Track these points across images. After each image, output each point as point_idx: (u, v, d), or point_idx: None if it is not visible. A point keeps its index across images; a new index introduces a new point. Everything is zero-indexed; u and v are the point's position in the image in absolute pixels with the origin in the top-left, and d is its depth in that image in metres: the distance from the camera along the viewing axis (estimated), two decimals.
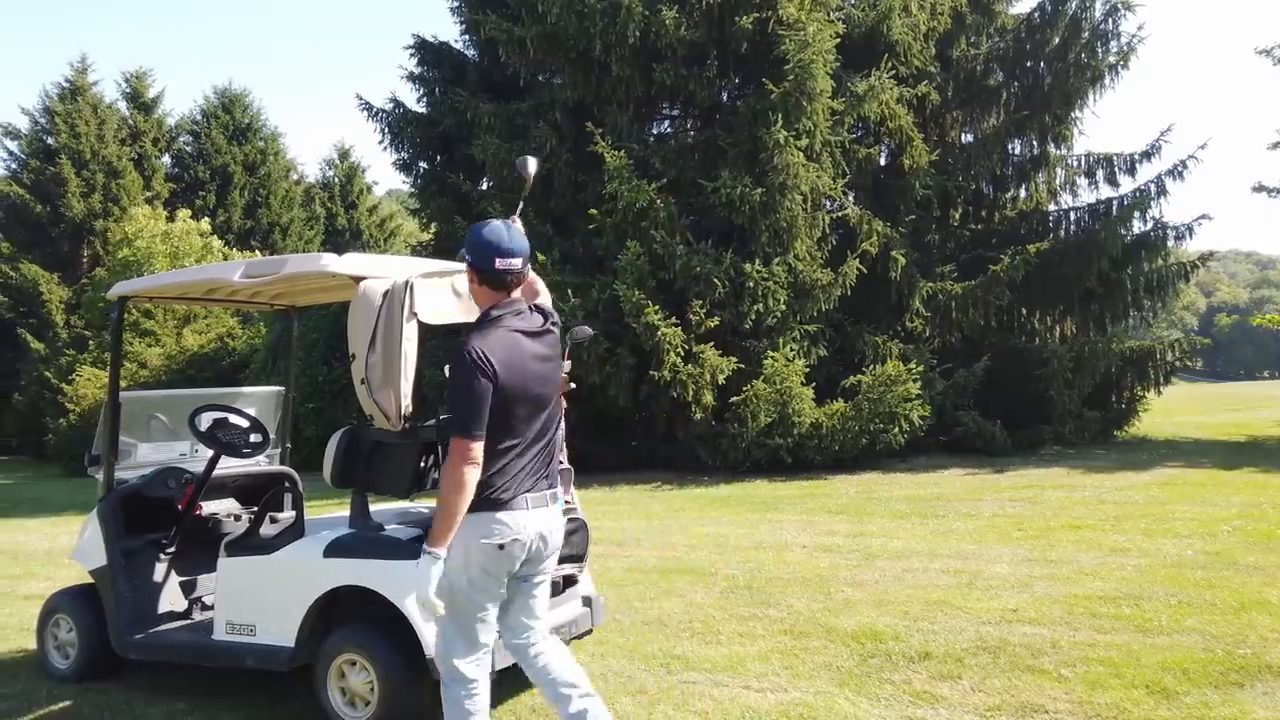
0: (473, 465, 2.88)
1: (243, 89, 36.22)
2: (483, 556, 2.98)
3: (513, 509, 3.00)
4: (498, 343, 3.00)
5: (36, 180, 30.16)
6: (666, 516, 9.57)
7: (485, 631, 3.09)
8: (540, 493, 3.09)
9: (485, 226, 3.12)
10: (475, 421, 2.90)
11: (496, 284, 3.09)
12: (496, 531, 2.97)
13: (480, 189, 16.25)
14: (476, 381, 2.91)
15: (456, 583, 3.00)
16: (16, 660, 5.02)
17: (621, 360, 12.98)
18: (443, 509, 2.89)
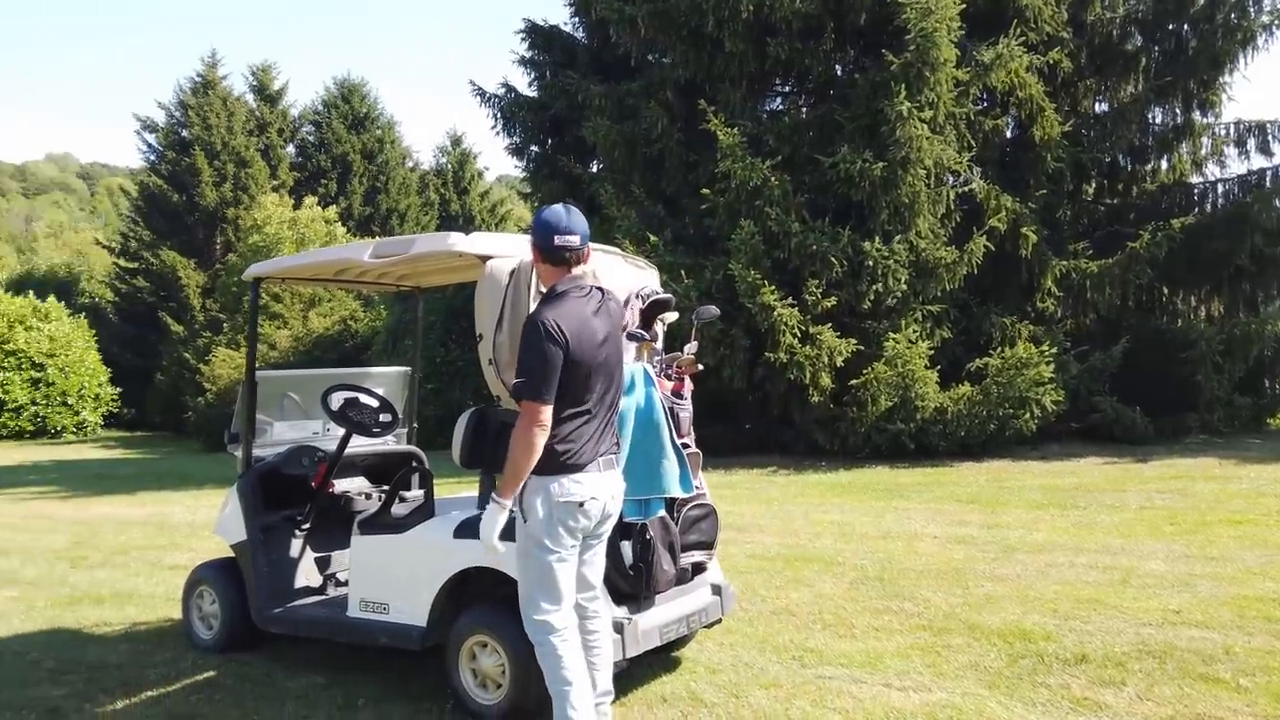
0: (542, 428, 3.07)
1: (361, 79, 37.38)
2: (564, 514, 3.17)
3: (589, 471, 3.21)
4: (566, 314, 3.17)
5: (173, 171, 31.77)
6: (786, 502, 9.35)
7: (566, 585, 3.25)
8: (608, 457, 3.31)
9: (551, 209, 3.32)
10: (546, 386, 3.09)
11: (557, 260, 3.28)
12: (575, 491, 3.17)
13: (590, 171, 16.24)
14: (547, 348, 3.09)
15: (538, 541, 3.18)
16: (163, 630, 5.20)
17: (736, 341, 12.76)
18: (510, 467, 3.11)
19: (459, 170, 39.77)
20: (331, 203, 31.95)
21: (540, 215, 3.33)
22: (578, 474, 3.19)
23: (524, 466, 3.10)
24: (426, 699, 3.95)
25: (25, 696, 4.16)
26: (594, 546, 3.42)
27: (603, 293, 3.39)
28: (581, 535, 3.27)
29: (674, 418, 4.14)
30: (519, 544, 3.26)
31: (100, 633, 5.26)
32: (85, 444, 24.91)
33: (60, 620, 5.53)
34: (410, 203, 36.39)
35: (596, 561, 3.47)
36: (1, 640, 5.11)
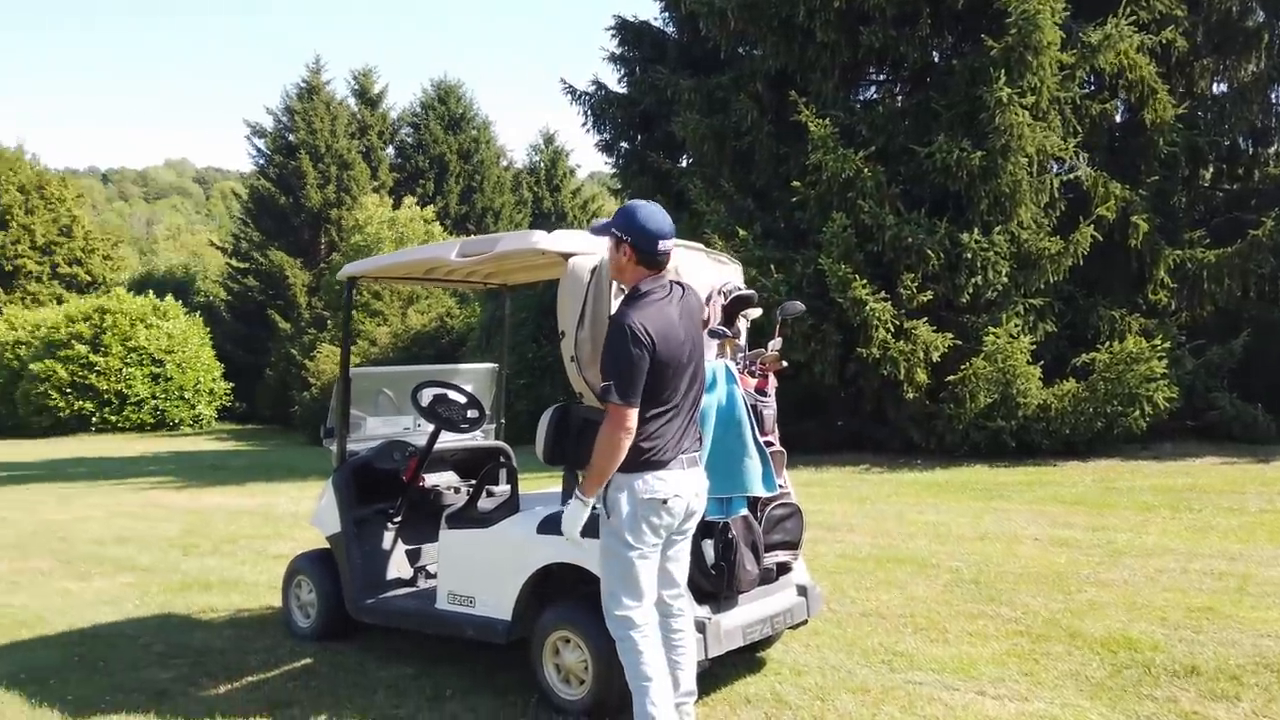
0: (627, 431, 3.10)
1: (457, 80, 38.13)
2: (647, 511, 3.19)
3: (672, 468, 3.23)
4: (652, 315, 3.18)
5: (280, 174, 33.07)
6: (878, 501, 9.15)
7: (647, 581, 3.26)
8: (691, 454, 3.33)
9: (647, 210, 3.28)
10: (632, 389, 3.11)
11: (654, 264, 3.29)
12: (659, 489, 3.19)
13: (680, 166, 16.20)
14: (634, 352, 3.10)
15: (621, 537, 3.20)
16: (265, 617, 5.40)
17: (827, 337, 12.55)
18: (594, 467, 3.15)
19: (551, 168, 40.28)
20: (429, 202, 32.76)
21: (638, 218, 3.26)
22: (661, 471, 3.21)
23: (608, 467, 3.13)
24: (512, 692, 4.00)
25: (136, 679, 4.38)
26: (678, 544, 3.42)
27: (683, 288, 3.40)
28: (665, 533, 3.28)
29: (757, 415, 4.08)
30: (602, 540, 3.29)
31: (207, 618, 5.50)
32: (201, 436, 26.14)
33: (171, 606, 5.80)
34: (504, 201, 37.04)
35: (682, 559, 3.47)
36: (116, 624, 5.39)
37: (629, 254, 3.27)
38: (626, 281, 3.35)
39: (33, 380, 27.51)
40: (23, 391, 27.87)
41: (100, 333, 28.00)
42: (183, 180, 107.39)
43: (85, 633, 5.22)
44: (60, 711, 3.95)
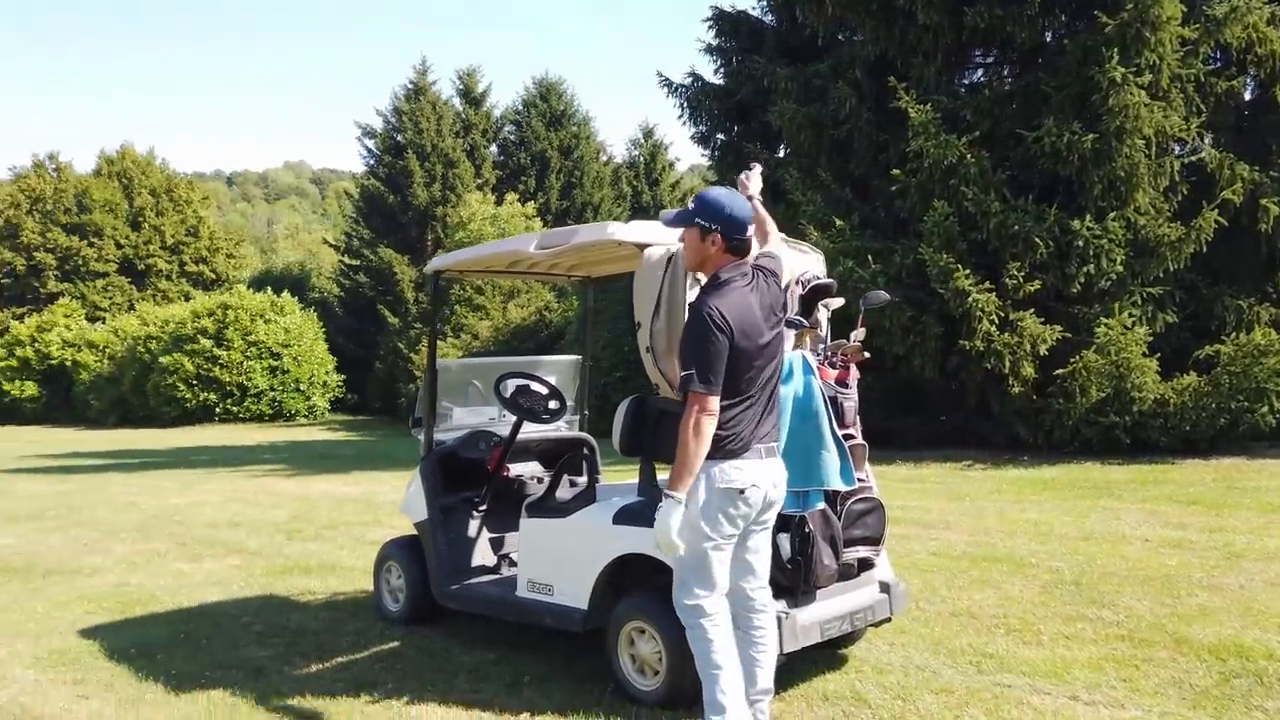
0: (711, 417, 3.08)
1: (558, 78, 38.53)
2: (725, 501, 3.16)
3: (749, 457, 3.20)
4: (731, 302, 3.16)
5: (389, 173, 34.09)
6: (979, 498, 8.85)
7: (720, 572, 3.23)
8: (770, 444, 3.29)
9: (730, 196, 3.29)
10: (714, 376, 3.09)
11: (739, 250, 3.28)
12: (736, 478, 3.16)
13: (776, 156, 15.99)
14: (715, 339, 3.09)
15: (698, 527, 3.16)
16: (358, 600, 5.58)
17: (928, 329, 12.21)
18: (681, 458, 3.09)
19: (650, 162, 40.36)
20: (530, 199, 33.26)
21: (725, 205, 3.25)
22: (738, 460, 3.17)
23: (696, 457, 3.08)
24: (589, 680, 4.02)
25: (235, 656, 4.58)
26: (757, 534, 3.36)
27: (763, 273, 3.35)
28: (742, 523, 3.23)
29: (837, 408, 4.00)
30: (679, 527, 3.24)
31: (304, 600, 5.72)
32: (314, 426, 27.22)
33: (272, 588, 6.05)
34: (603, 195, 37.29)
35: (763, 550, 3.41)
36: (221, 604, 5.65)
37: (718, 242, 3.24)
38: (708, 270, 3.32)
39: (162, 373, 29.14)
40: (153, 383, 29.55)
41: (223, 328, 29.44)
42: (300, 181, 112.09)
43: (192, 611, 5.50)
44: (164, 685, 4.16)
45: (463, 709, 3.80)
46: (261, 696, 3.98)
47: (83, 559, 7.09)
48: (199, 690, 4.07)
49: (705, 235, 3.25)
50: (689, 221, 3.29)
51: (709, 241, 3.25)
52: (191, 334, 29.34)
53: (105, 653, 4.67)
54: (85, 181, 40.57)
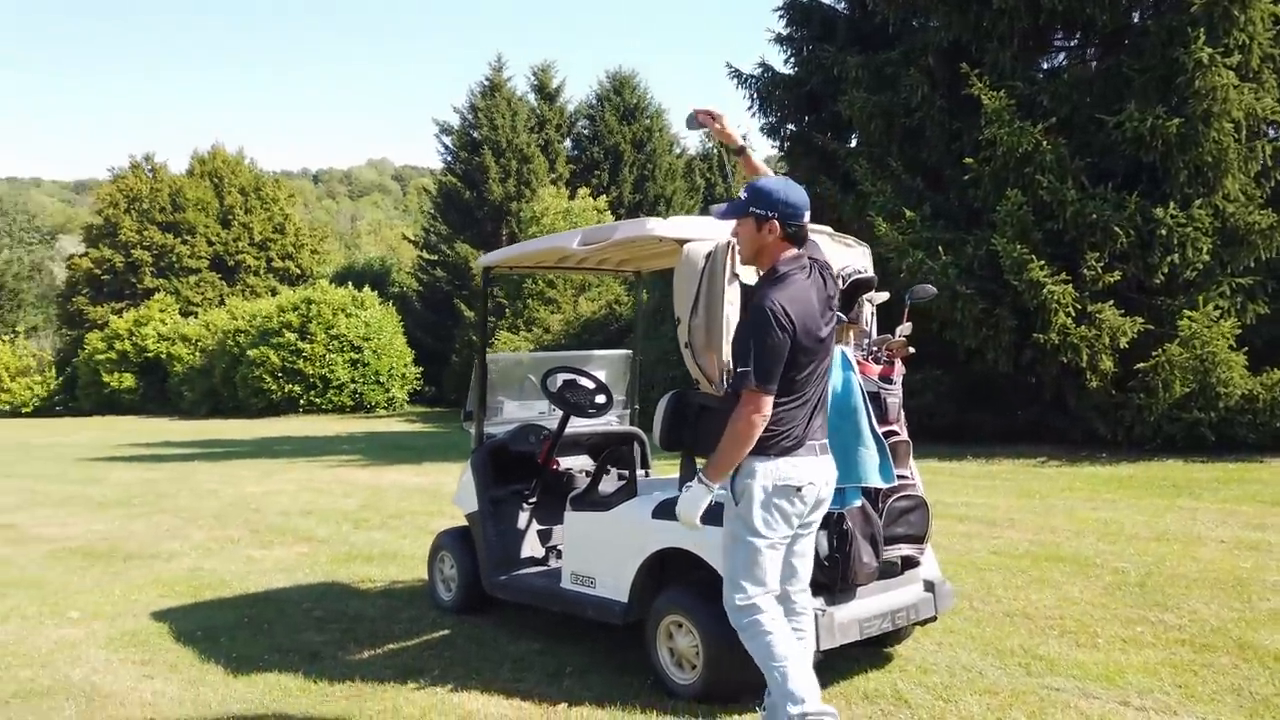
0: (762, 417, 3.00)
1: (631, 71, 38.54)
2: (780, 498, 3.09)
3: (804, 454, 3.13)
4: (793, 297, 3.07)
5: (465, 169, 34.64)
6: (1050, 496, 8.61)
7: (772, 572, 3.16)
8: (822, 440, 3.24)
9: (785, 183, 3.19)
10: (771, 374, 3.00)
11: (797, 238, 3.18)
12: (791, 475, 3.09)
13: (847, 146, 15.75)
14: (775, 336, 3.00)
15: (750, 525, 3.10)
16: (414, 589, 5.72)
17: (1001, 322, 11.90)
18: (724, 452, 3.04)
19: (724, 153, 40.17)
20: (604, 192, 33.43)
21: (781, 192, 3.15)
22: (793, 457, 3.11)
23: (736, 454, 3.04)
24: (629, 673, 4.06)
25: (293, 641, 4.75)
26: (804, 537, 3.31)
27: (818, 264, 3.27)
28: (796, 521, 3.17)
29: (880, 404, 3.94)
30: (727, 527, 3.21)
31: (364, 588, 5.89)
32: (393, 418, 27.87)
33: (335, 575, 6.25)
34: (676, 188, 37.26)
35: (807, 553, 3.36)
36: (285, 590, 5.86)
37: (775, 230, 3.14)
38: (764, 262, 3.24)
39: (250, 365, 30.19)
40: (241, 375, 30.64)
41: (307, 322, 30.35)
42: (383, 178, 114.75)
43: (257, 597, 5.71)
44: (224, 667, 4.34)
45: (503, 698, 3.87)
46: (314, 680, 4.12)
47: (161, 544, 7.43)
48: (256, 673, 4.24)
49: (761, 224, 3.15)
50: (743, 211, 3.20)
51: (765, 230, 3.15)
52: (277, 328, 30.32)
53: (173, 635, 4.89)
54: (179, 181, 42.21)
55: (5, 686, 4.17)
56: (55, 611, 5.41)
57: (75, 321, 41.12)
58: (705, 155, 40.55)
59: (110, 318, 37.84)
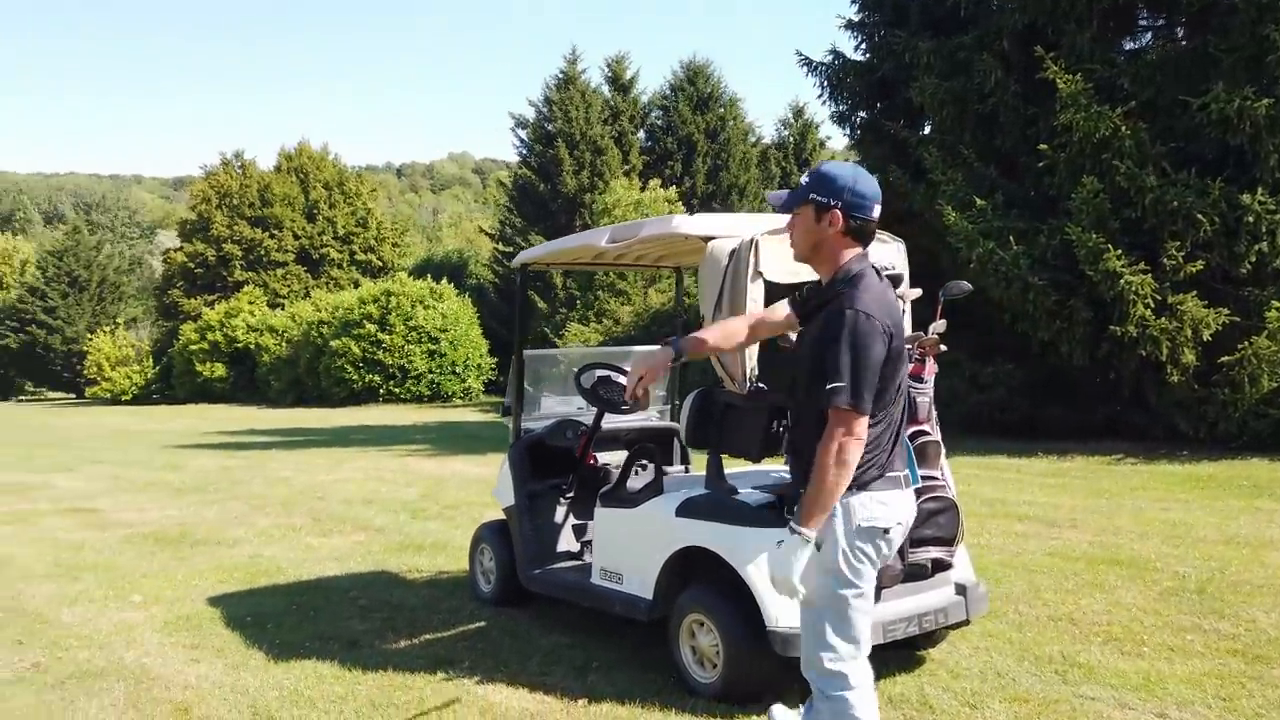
0: (858, 443, 2.54)
1: (705, 60, 38.36)
2: (865, 543, 2.65)
3: (888, 488, 2.69)
4: (879, 299, 2.64)
5: (540, 162, 35.02)
6: (1120, 495, 8.31)
7: (864, 626, 2.72)
8: (904, 471, 2.78)
9: (854, 169, 2.73)
10: (868, 391, 2.55)
11: (862, 234, 2.73)
12: (880, 515, 2.65)
13: (918, 134, 15.41)
14: (875, 347, 2.55)
15: (835, 572, 2.65)
16: (457, 580, 5.82)
17: (1075, 314, 11.51)
18: (821, 489, 2.55)
19: (800, 142, 39.67)
20: (677, 183, 33.38)
21: (847, 177, 2.69)
22: (878, 492, 2.67)
23: (836, 490, 2.56)
24: (653, 670, 4.07)
25: (336, 628, 4.89)
26: None
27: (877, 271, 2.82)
28: (881, 565, 2.75)
29: (911, 403, 3.85)
30: (810, 575, 2.66)
31: (411, 578, 6.03)
32: (468, 408, 28.35)
33: (385, 564, 6.40)
34: (750, 178, 36.97)
35: None
36: (336, 578, 6.03)
37: (837, 222, 2.67)
38: (821, 260, 2.76)
39: (332, 356, 31.10)
40: (324, 365, 31.59)
41: (386, 313, 31.10)
42: (463, 171, 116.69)
43: (309, 584, 5.89)
44: (266, 653, 4.50)
45: (527, 691, 3.92)
46: (348, 668, 4.24)
47: (227, 531, 7.72)
48: (295, 659, 4.38)
49: (821, 214, 2.68)
50: (802, 199, 2.73)
51: (825, 222, 2.68)
52: (358, 319, 31.14)
53: (224, 620, 5.09)
54: (267, 177, 43.64)
55: (64, 667, 4.41)
56: (120, 595, 5.68)
57: (171, 313, 42.93)
58: (781, 144, 40.15)
59: (203, 310, 39.41)
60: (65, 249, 52.01)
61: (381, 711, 3.76)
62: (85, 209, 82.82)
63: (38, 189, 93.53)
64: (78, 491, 10.45)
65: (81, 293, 50.51)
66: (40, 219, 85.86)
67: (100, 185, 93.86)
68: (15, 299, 51.62)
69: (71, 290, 50.31)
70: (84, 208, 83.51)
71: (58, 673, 4.32)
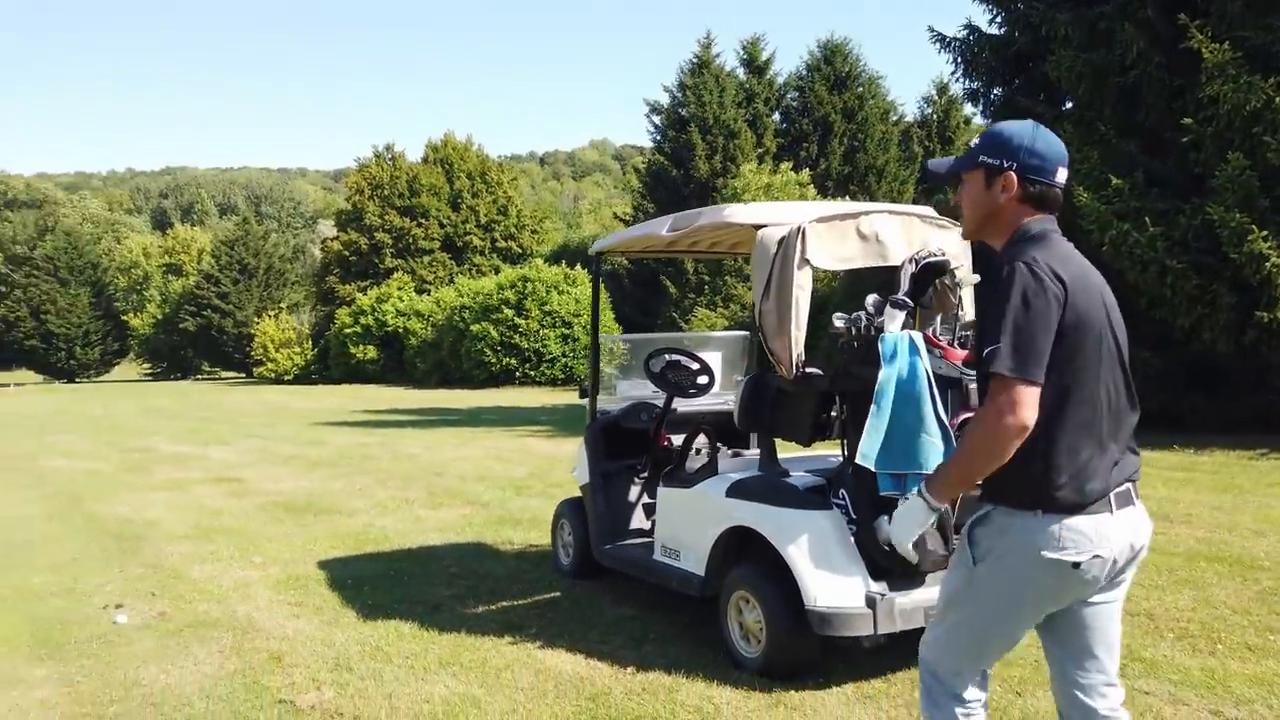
0: (1018, 420, 2.04)
1: (843, 38, 37.57)
2: (1045, 576, 2.15)
3: (1094, 513, 2.12)
4: (1065, 257, 2.18)
5: (673, 147, 35.22)
6: (1250, 492, 7.82)
7: (998, 653, 2.40)
8: (1125, 487, 2.20)
9: (1036, 128, 2.29)
10: (1034, 357, 2.06)
11: (1043, 201, 2.26)
12: (1074, 545, 2.11)
13: (1055, 110, 14.72)
14: (1039, 301, 2.07)
15: (990, 601, 2.24)
16: (544, 553, 6.11)
17: (1219, 299, 10.82)
18: (962, 463, 2.21)
19: (944, 119, 38.33)
20: (812, 165, 32.93)
21: (1015, 135, 2.26)
22: (1076, 516, 2.12)
23: (978, 470, 2.17)
24: (706, 645, 4.21)
25: (423, 593, 5.26)
26: (1109, 605, 2.29)
27: None
28: (1068, 601, 2.23)
29: (961, 390, 3.84)
30: (957, 582, 2.33)
31: (502, 550, 6.37)
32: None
33: (482, 536, 6.79)
34: (889, 158, 36.06)
35: (1110, 628, 2.32)
36: (435, 548, 6.44)
37: (1012, 187, 2.23)
38: (997, 232, 2.31)
39: (473, 339, 32.39)
40: (465, 349, 32.93)
41: (523, 299, 32.11)
42: (603, 158, 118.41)
43: (409, 552, 6.33)
44: (357, 611, 4.91)
45: (583, 657, 4.15)
46: (426, 629, 4.59)
47: (349, 502, 8.32)
48: (382, 619, 4.76)
49: (993, 178, 2.26)
50: (971, 163, 2.31)
51: (998, 187, 2.25)
52: (496, 304, 32.29)
53: (328, 581, 5.55)
54: (415, 168, 45.65)
55: (185, 616, 4.95)
56: (244, 556, 6.27)
57: (328, 298, 45.57)
58: (924, 121, 38.90)
59: (356, 295, 41.68)
60: (236, 238, 56.06)
61: (447, 669, 4.06)
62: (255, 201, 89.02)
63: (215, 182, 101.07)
64: (228, 462, 11.44)
65: (250, 279, 54.34)
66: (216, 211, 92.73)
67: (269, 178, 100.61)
68: (194, 285, 56.10)
69: (242, 277, 54.21)
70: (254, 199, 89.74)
71: (179, 621, 4.86)
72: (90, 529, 7.39)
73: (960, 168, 2.35)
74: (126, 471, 10.81)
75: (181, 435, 15.58)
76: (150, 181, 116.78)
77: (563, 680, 3.91)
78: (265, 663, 4.20)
